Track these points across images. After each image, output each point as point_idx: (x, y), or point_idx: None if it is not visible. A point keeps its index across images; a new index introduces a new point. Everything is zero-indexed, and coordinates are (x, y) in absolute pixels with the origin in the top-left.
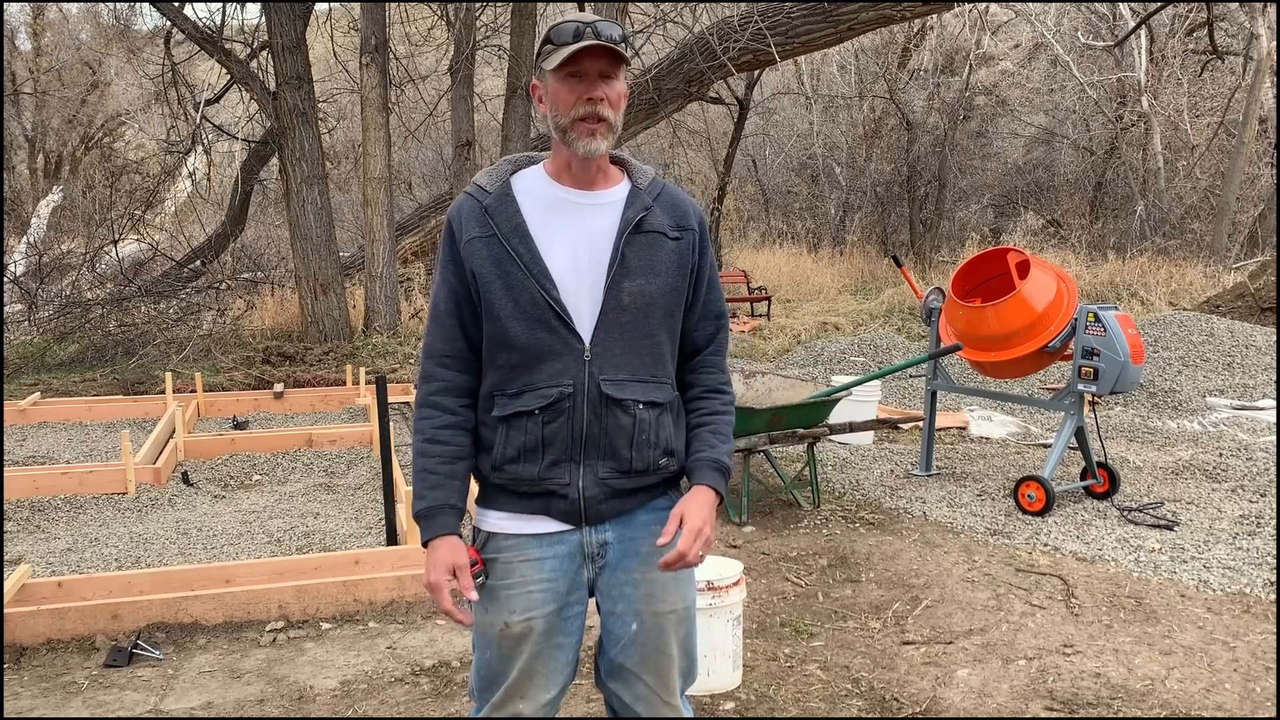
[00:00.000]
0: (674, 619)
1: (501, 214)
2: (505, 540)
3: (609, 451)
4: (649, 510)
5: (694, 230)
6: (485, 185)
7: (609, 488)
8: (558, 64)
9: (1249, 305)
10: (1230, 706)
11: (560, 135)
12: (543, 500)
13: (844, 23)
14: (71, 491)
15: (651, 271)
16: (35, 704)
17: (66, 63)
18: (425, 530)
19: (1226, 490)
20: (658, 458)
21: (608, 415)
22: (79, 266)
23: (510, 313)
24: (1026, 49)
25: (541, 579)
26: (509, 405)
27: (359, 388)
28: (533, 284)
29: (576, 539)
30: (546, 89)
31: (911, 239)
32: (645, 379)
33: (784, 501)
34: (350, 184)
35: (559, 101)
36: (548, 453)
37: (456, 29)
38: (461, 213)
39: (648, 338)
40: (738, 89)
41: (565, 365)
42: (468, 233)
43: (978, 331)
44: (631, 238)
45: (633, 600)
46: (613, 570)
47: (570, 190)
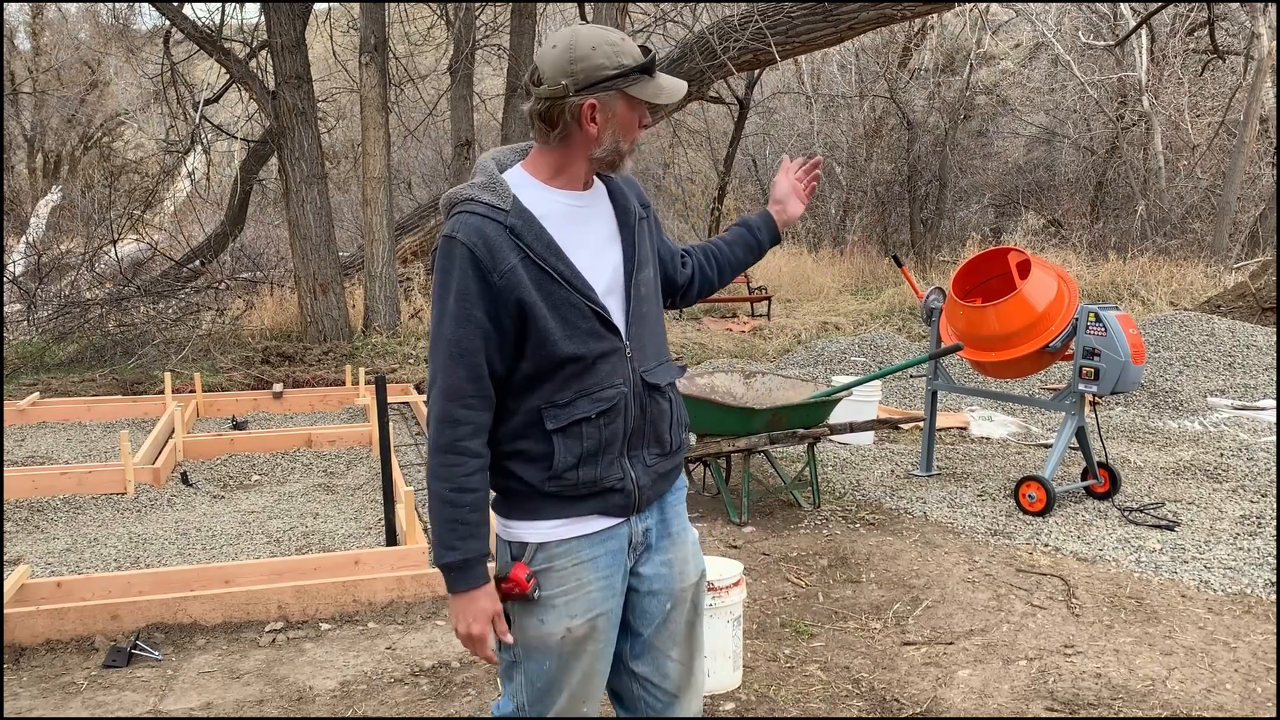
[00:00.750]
0: (694, 591)
1: (529, 233)
2: (556, 547)
3: (654, 438)
4: (674, 491)
5: (649, 204)
6: (495, 202)
7: (655, 473)
8: (637, 91)
9: (1250, 305)
10: (1231, 707)
11: (617, 158)
12: (598, 499)
13: (844, 22)
14: (70, 492)
15: (648, 258)
16: (35, 704)
17: (65, 62)
18: (461, 581)
19: (1227, 490)
20: (681, 434)
21: (650, 404)
22: (78, 266)
23: (561, 333)
24: (1027, 48)
25: (598, 577)
26: (563, 416)
27: (358, 388)
28: (579, 298)
29: (625, 531)
30: (613, 112)
31: (912, 239)
32: (665, 361)
33: (784, 502)
34: (350, 184)
35: (628, 127)
36: (606, 453)
37: (456, 28)
38: (485, 238)
39: (658, 320)
40: (738, 88)
41: (614, 365)
42: (504, 261)
43: (978, 331)
44: (635, 229)
45: (668, 580)
46: (651, 554)
47: (570, 194)
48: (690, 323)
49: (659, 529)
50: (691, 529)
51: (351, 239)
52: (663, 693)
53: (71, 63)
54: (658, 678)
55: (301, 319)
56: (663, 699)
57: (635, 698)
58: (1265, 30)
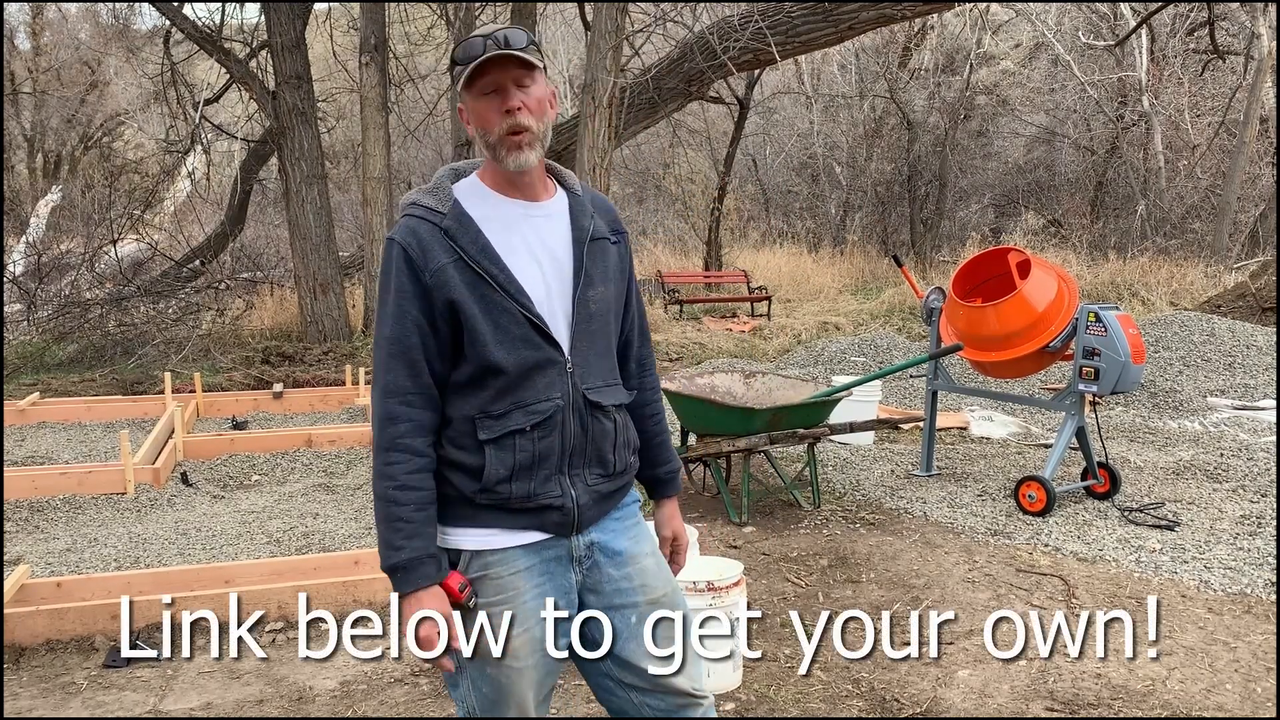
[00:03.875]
0: (668, 601)
1: (464, 236)
2: (492, 555)
3: (595, 458)
4: (621, 509)
5: (624, 232)
6: (434, 205)
7: (596, 493)
8: (467, 81)
9: (1250, 305)
10: (1231, 707)
11: (491, 154)
12: (535, 515)
13: (844, 22)
14: (70, 492)
15: (606, 278)
16: (35, 704)
17: (65, 62)
18: (406, 582)
19: (1227, 490)
20: (628, 457)
21: (593, 423)
22: (78, 266)
23: (492, 337)
24: (1027, 48)
25: (533, 586)
26: (496, 427)
27: (358, 388)
28: (512, 304)
29: (565, 544)
30: (469, 110)
31: (912, 239)
32: (613, 383)
33: (784, 502)
34: (350, 184)
35: (483, 120)
36: (541, 468)
37: (456, 28)
38: (419, 238)
39: (608, 342)
40: (738, 88)
41: (551, 379)
42: (435, 260)
43: (978, 331)
44: (589, 246)
45: (629, 593)
46: (603, 569)
47: (519, 203)
48: (690, 323)
49: (607, 543)
50: (652, 540)
51: (351, 239)
52: (663, 703)
53: (71, 63)
54: (638, 696)
55: (301, 319)
56: (664, 708)
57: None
58: (1265, 30)
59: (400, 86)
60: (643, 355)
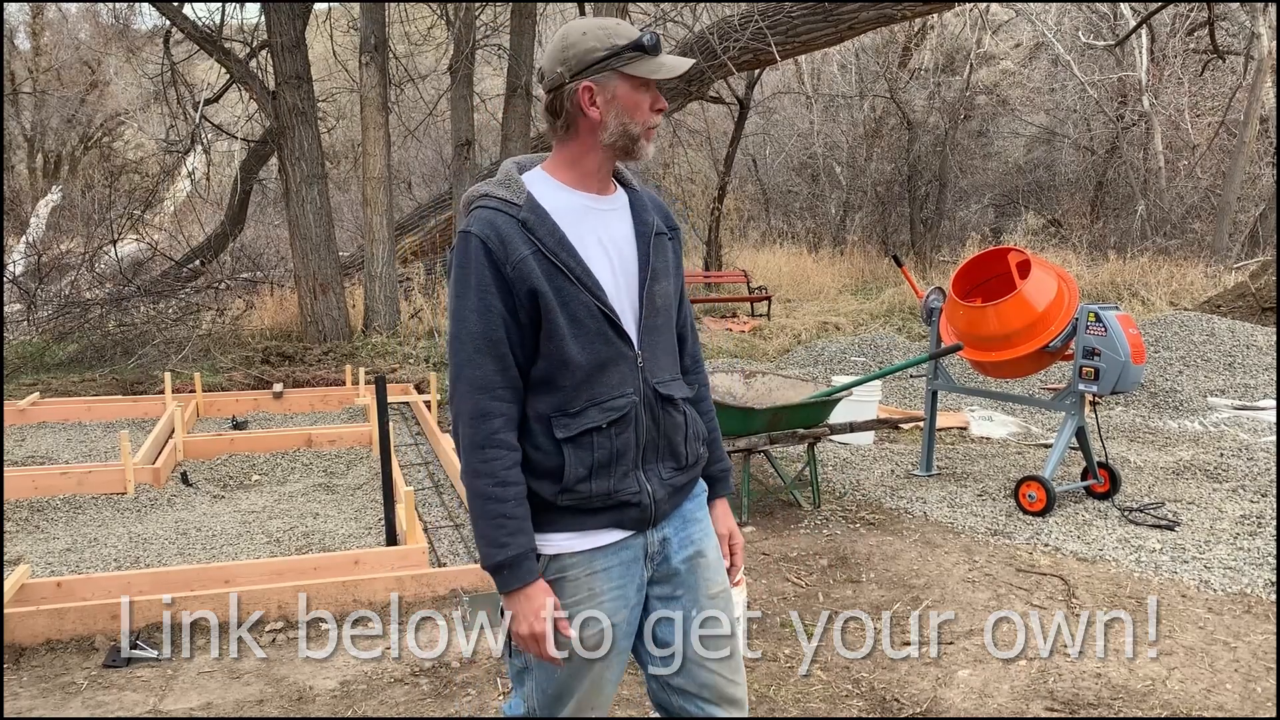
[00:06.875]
0: (724, 599)
1: (541, 227)
2: (570, 559)
3: (669, 452)
4: (693, 499)
5: (677, 228)
6: (508, 197)
7: (671, 486)
8: (631, 69)
9: (1250, 305)
10: (1231, 707)
11: (629, 142)
12: (613, 513)
13: (844, 22)
14: (71, 491)
15: (667, 273)
16: (35, 704)
17: (65, 62)
18: (513, 579)
19: (1227, 490)
20: (699, 448)
21: (664, 417)
22: (78, 266)
23: (569, 331)
24: (1027, 48)
25: (610, 588)
26: (573, 425)
27: (358, 388)
28: (588, 296)
29: (640, 542)
30: (613, 94)
31: (912, 239)
32: (677, 375)
33: (784, 502)
34: (350, 184)
35: (635, 108)
36: (619, 465)
37: (456, 28)
38: (498, 230)
39: (671, 337)
40: (738, 88)
41: (624, 374)
42: (516, 251)
43: (978, 331)
44: (653, 241)
45: (694, 589)
46: (672, 563)
47: (591, 196)
48: None
49: (679, 538)
50: (714, 536)
51: (351, 239)
52: (705, 703)
53: (71, 63)
54: (695, 688)
55: (301, 319)
56: (707, 709)
57: (679, 710)
58: (1265, 30)
59: (400, 86)
60: (695, 351)
